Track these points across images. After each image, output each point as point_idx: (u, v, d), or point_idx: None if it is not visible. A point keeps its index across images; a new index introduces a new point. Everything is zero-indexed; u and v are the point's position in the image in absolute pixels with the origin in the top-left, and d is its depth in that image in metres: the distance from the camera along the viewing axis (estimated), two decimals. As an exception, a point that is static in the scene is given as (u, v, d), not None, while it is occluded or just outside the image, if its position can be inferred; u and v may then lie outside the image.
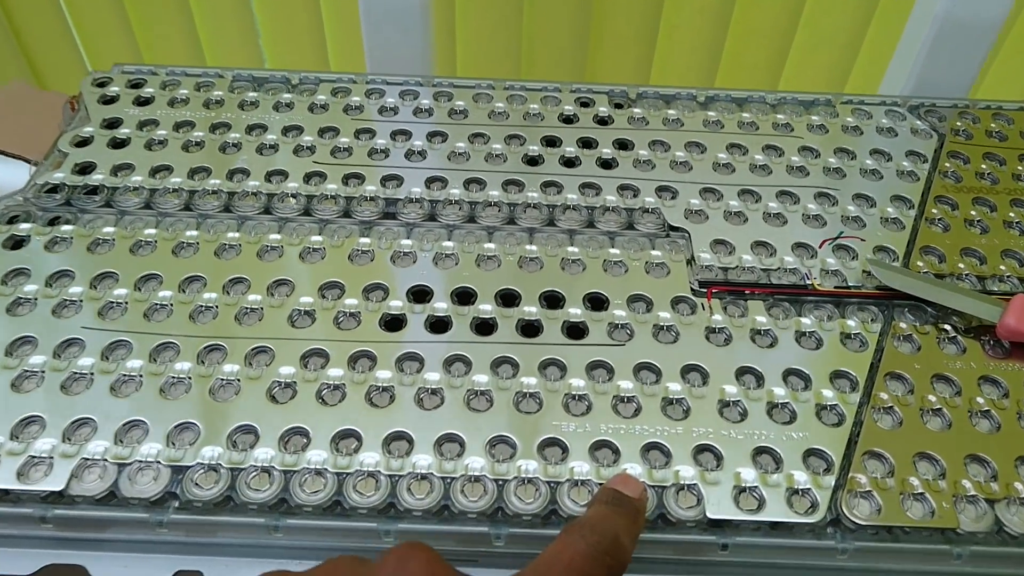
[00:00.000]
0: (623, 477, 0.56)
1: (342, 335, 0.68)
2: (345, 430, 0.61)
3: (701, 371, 0.67)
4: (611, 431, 0.62)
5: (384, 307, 0.67)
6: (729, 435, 0.62)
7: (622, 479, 0.56)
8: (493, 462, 0.60)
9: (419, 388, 0.64)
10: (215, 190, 0.80)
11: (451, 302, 0.71)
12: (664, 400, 0.65)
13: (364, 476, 0.59)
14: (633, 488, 0.54)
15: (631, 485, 0.55)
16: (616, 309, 0.71)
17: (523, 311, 0.71)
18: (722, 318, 0.71)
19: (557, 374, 0.67)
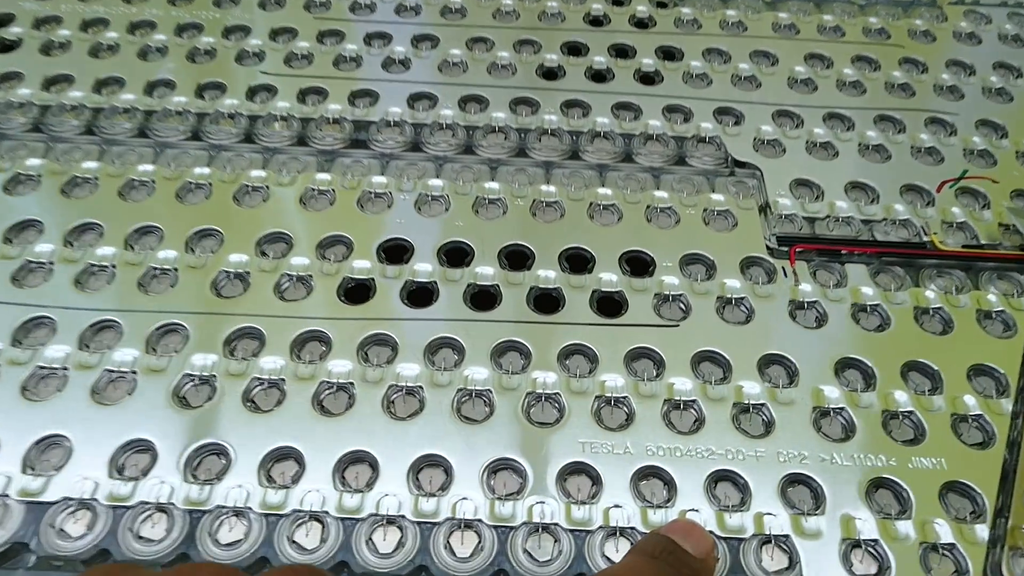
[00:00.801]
0: (685, 525, 0.38)
1: (284, 307, 0.49)
2: (281, 450, 0.43)
3: (786, 364, 0.48)
4: (662, 453, 0.43)
5: (345, 269, 0.49)
6: (831, 460, 0.44)
7: (683, 527, 0.37)
8: (492, 499, 0.42)
9: (389, 388, 0.45)
10: (127, 108, 0.60)
11: (438, 263, 0.52)
12: (736, 407, 0.46)
13: (306, 519, 0.41)
14: (697, 542, 0.36)
15: (695, 537, 0.36)
16: (665, 275, 0.52)
17: (537, 276, 0.51)
18: (811, 288, 0.51)
19: (584, 367, 0.48)
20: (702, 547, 0.36)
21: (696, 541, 0.36)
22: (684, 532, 0.36)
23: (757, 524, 0.41)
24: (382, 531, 0.41)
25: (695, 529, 0.37)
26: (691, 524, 0.38)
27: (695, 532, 0.37)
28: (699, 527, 0.38)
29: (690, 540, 0.36)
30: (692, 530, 0.37)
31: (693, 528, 0.37)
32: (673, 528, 0.37)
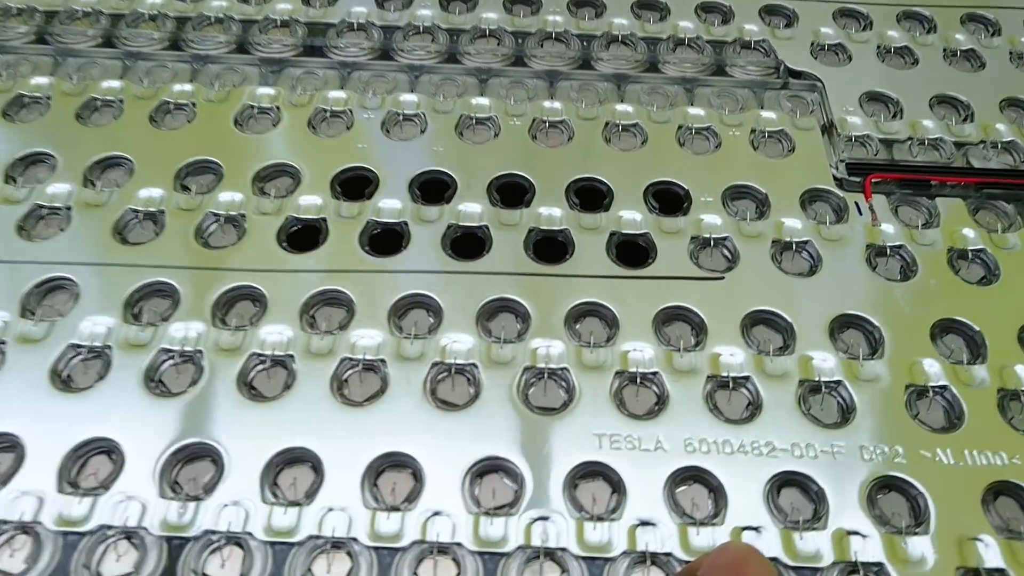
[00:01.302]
0: (736, 557, 0.26)
1: (207, 257, 0.37)
2: (193, 448, 0.32)
3: (865, 328, 0.36)
4: (706, 449, 0.32)
5: (289, 207, 0.37)
6: (935, 457, 0.32)
7: (733, 563, 0.25)
8: (477, 515, 0.31)
9: (341, 363, 0.34)
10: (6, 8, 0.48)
11: (410, 199, 0.40)
12: (804, 386, 0.34)
13: (220, 542, 0.29)
14: None
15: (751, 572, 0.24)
16: (704, 213, 0.40)
17: (538, 216, 0.39)
18: (894, 229, 0.39)
19: (601, 333, 0.36)
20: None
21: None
22: (735, 571, 0.25)
23: (838, 548, 0.30)
24: (325, 560, 0.30)
25: (748, 566, 0.25)
26: (741, 559, 0.25)
27: (747, 571, 0.25)
28: (755, 561, 0.25)
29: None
30: (743, 568, 0.25)
31: (745, 563, 0.25)
32: (716, 566, 0.25)
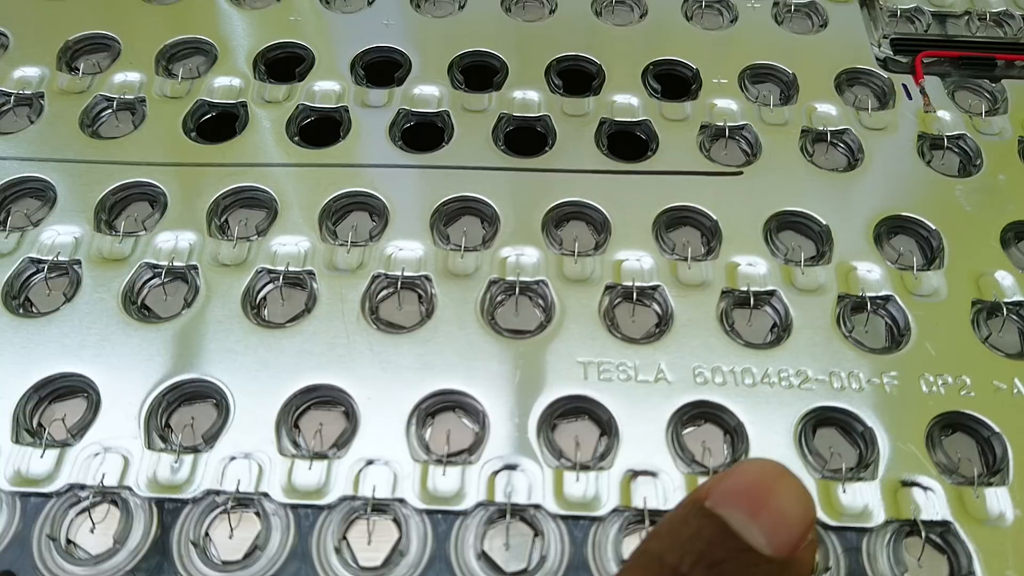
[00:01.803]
0: (752, 484, 0.18)
1: (97, 149, 0.30)
2: (64, 381, 0.25)
3: (918, 232, 0.29)
4: (720, 380, 0.25)
5: (201, 90, 0.31)
6: (1013, 390, 0.25)
7: (749, 490, 0.18)
8: (426, 462, 0.24)
9: (259, 276, 0.27)
10: None
11: (353, 81, 0.32)
12: (845, 302, 0.27)
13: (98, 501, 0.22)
14: (775, 523, 0.17)
15: (771, 515, 0.17)
16: (717, 97, 0.32)
17: (509, 100, 0.32)
18: (952, 117, 0.32)
19: (588, 239, 0.29)
20: (785, 534, 0.17)
21: (773, 520, 0.17)
22: (752, 503, 0.17)
23: (891, 504, 0.23)
24: (226, 521, 0.23)
25: (774, 493, 0.18)
26: (766, 482, 0.18)
27: (772, 501, 0.18)
28: (784, 485, 0.18)
29: (762, 520, 0.17)
30: (767, 497, 0.18)
31: (770, 491, 0.18)
32: (730, 493, 0.18)
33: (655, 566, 0.17)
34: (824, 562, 0.23)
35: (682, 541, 0.17)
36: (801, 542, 0.18)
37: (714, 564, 0.17)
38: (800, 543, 0.18)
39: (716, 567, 0.17)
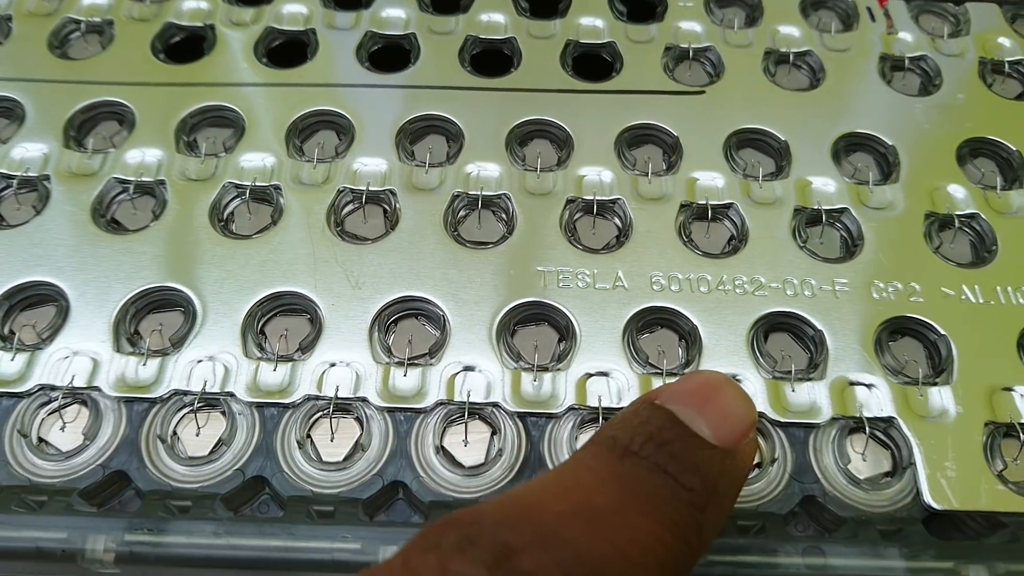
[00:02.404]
0: (700, 385, 0.19)
1: (68, 69, 0.30)
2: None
3: (876, 150, 0.30)
4: (677, 288, 0.26)
5: (168, 12, 0.34)
6: (960, 296, 0.26)
7: (696, 389, 0.19)
8: (388, 365, 0.24)
9: (225, 190, 0.27)
10: None
11: (320, 3, 0.32)
12: (801, 215, 0.28)
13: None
14: (720, 417, 0.18)
15: (716, 408, 0.19)
16: (681, 19, 0.32)
17: (476, 22, 0.33)
18: (914, 38, 0.32)
19: (550, 156, 0.29)
20: (729, 427, 0.18)
21: (718, 415, 0.18)
22: (698, 399, 0.19)
23: (839, 400, 0.24)
24: (193, 421, 0.24)
25: (719, 393, 0.19)
26: (712, 383, 0.19)
27: (717, 399, 0.19)
28: (729, 388, 0.19)
29: (707, 414, 0.18)
30: (712, 395, 0.19)
31: (716, 391, 0.19)
32: (678, 391, 0.19)
33: (606, 445, 0.18)
34: (771, 454, 0.24)
35: (633, 426, 0.18)
36: (744, 437, 0.19)
37: (663, 444, 0.18)
38: (743, 438, 0.19)
39: (665, 446, 0.18)
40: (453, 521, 0.16)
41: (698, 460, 0.18)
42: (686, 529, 0.17)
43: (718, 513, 0.18)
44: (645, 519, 0.16)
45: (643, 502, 0.17)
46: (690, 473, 0.17)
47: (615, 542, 0.16)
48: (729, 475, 0.18)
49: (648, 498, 0.17)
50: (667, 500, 0.17)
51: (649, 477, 0.17)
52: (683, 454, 0.18)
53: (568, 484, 0.17)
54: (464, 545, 0.15)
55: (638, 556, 0.16)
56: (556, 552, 0.15)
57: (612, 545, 0.16)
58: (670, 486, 0.17)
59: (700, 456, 0.18)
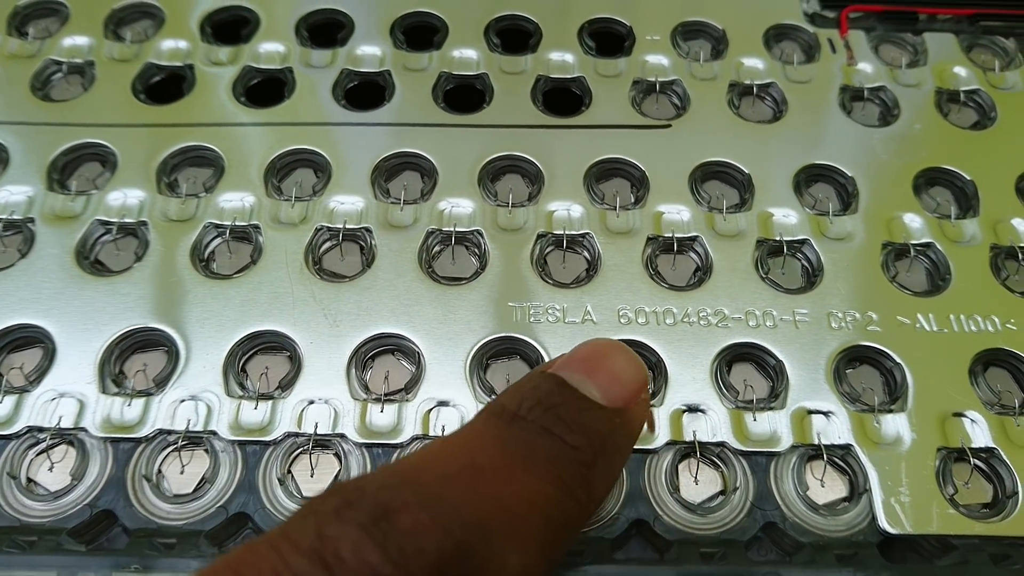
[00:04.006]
0: (590, 352, 0.20)
1: (55, 112, 0.31)
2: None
3: (836, 180, 0.31)
4: (643, 320, 0.28)
5: (149, 52, 0.33)
6: (915, 324, 0.27)
7: (586, 357, 0.20)
8: (365, 401, 0.25)
9: (206, 231, 0.28)
10: None
11: (297, 42, 0.33)
12: (763, 247, 0.29)
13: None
14: (609, 380, 0.19)
15: (605, 373, 0.19)
16: (649, 53, 0.33)
17: (449, 59, 0.34)
18: (873, 69, 0.33)
19: (522, 191, 0.30)
20: (618, 388, 0.19)
21: (607, 378, 0.19)
22: (588, 365, 0.19)
23: (798, 429, 0.25)
24: (177, 459, 0.25)
25: (608, 358, 0.19)
26: (601, 350, 0.20)
27: (606, 363, 0.19)
28: (618, 352, 0.20)
29: (596, 378, 0.19)
30: (601, 360, 0.19)
31: (605, 356, 0.19)
32: (569, 360, 0.20)
33: (495, 412, 0.18)
34: (733, 483, 0.25)
35: (522, 392, 0.19)
36: (634, 396, 0.19)
37: (550, 407, 0.18)
38: (633, 397, 0.19)
39: (552, 409, 0.18)
40: (336, 488, 0.16)
41: (585, 420, 0.18)
42: (573, 485, 0.17)
43: (607, 470, 0.18)
44: (529, 476, 0.17)
45: (528, 461, 0.17)
46: (576, 433, 0.18)
47: (498, 498, 0.16)
48: (618, 433, 0.19)
49: (533, 457, 0.17)
50: (553, 458, 0.17)
51: (535, 438, 0.17)
52: (570, 415, 0.18)
53: (454, 449, 0.17)
54: (342, 509, 0.15)
55: (522, 510, 0.16)
56: (435, 510, 0.15)
57: (495, 502, 0.16)
58: (556, 446, 0.17)
59: (587, 416, 0.18)
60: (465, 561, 0.15)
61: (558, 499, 0.17)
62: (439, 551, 0.15)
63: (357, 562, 0.14)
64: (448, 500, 0.16)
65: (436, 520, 0.15)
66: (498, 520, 0.16)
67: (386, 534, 0.15)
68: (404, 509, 0.15)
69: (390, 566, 0.14)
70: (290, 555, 0.14)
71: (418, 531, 0.15)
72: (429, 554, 0.15)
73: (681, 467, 0.25)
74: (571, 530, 0.17)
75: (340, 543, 0.14)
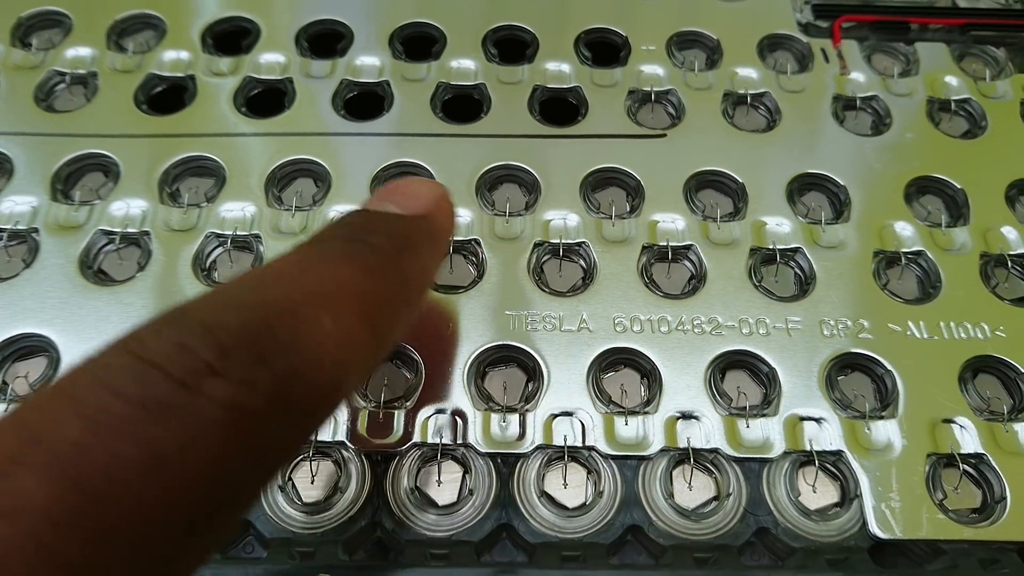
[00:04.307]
0: (391, 186, 0.21)
1: (57, 122, 0.31)
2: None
3: (829, 189, 0.31)
4: (638, 328, 0.28)
5: (151, 63, 0.34)
6: (906, 332, 0.28)
7: (387, 190, 0.21)
8: (364, 409, 0.25)
9: (207, 240, 0.28)
10: None
11: (297, 53, 0.34)
12: (756, 256, 0.29)
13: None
14: (407, 197, 0.21)
15: (403, 194, 0.21)
16: (644, 63, 0.34)
17: (448, 69, 0.34)
18: (866, 78, 0.34)
19: (519, 200, 0.31)
20: (416, 201, 0.20)
21: (405, 196, 0.20)
22: (386, 191, 0.21)
23: (791, 436, 0.26)
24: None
25: (405, 183, 0.21)
26: (399, 181, 0.22)
27: (403, 187, 0.21)
28: (415, 179, 0.24)
29: (395, 199, 0.20)
30: (398, 187, 0.21)
31: (401, 183, 0.21)
32: (373, 197, 0.21)
33: (305, 243, 0.18)
34: (726, 489, 0.25)
35: (332, 227, 0.19)
36: (433, 204, 0.20)
37: (352, 224, 0.19)
38: (431, 203, 0.20)
39: (353, 225, 0.19)
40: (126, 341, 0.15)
41: (387, 225, 0.19)
42: (379, 268, 0.17)
43: (415, 263, 0.19)
44: (335, 267, 0.17)
45: (332, 258, 0.17)
46: (378, 234, 0.18)
47: (303, 283, 0.16)
48: (423, 231, 0.19)
49: (338, 256, 0.17)
50: (356, 253, 0.18)
51: (339, 245, 0.18)
52: (372, 225, 0.19)
53: (256, 272, 0.17)
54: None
55: (332, 289, 0.16)
56: (236, 301, 0.15)
57: (299, 285, 0.16)
58: (359, 247, 0.18)
59: (388, 222, 0.19)
60: (274, 331, 0.15)
61: (365, 280, 0.17)
62: (242, 324, 0.14)
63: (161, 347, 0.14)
64: (249, 289, 0.16)
65: (237, 302, 0.15)
66: (306, 296, 0.16)
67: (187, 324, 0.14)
68: (203, 302, 0.15)
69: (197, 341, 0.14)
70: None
71: (220, 309, 0.15)
72: (235, 330, 0.14)
73: (675, 473, 0.25)
74: (389, 309, 0.17)
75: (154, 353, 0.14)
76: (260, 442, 0.14)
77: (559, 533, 0.24)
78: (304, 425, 0.15)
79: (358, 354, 0.16)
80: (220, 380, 0.14)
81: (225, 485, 0.14)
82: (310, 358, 0.15)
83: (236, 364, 0.14)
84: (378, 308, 0.17)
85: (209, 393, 0.14)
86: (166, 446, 0.13)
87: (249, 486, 0.15)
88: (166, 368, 0.14)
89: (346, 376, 0.16)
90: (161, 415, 0.13)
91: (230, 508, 0.14)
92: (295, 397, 0.15)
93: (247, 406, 0.14)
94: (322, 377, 0.15)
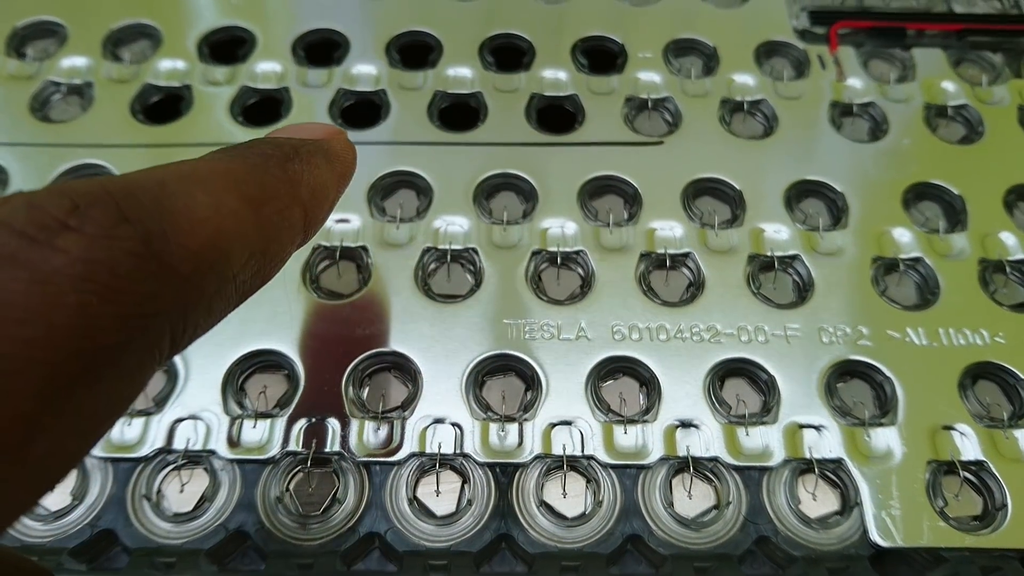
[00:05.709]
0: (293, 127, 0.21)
1: (55, 133, 0.31)
2: None
3: (827, 196, 0.31)
4: (637, 336, 0.28)
5: (147, 73, 0.34)
6: (904, 338, 0.27)
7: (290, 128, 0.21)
8: (363, 419, 0.25)
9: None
10: None
11: (294, 61, 0.34)
12: (754, 263, 0.29)
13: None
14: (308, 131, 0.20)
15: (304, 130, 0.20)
16: (641, 70, 0.34)
17: (444, 77, 0.34)
18: (863, 84, 0.34)
19: (516, 208, 0.31)
20: (306, 131, 0.20)
21: (297, 130, 0.20)
22: (280, 131, 0.20)
23: (790, 444, 0.26)
24: (177, 478, 0.25)
25: (301, 124, 0.21)
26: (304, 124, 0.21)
27: (298, 125, 0.21)
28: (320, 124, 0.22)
29: (286, 132, 0.20)
30: (293, 125, 0.21)
31: (297, 124, 0.21)
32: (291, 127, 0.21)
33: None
34: (726, 497, 0.25)
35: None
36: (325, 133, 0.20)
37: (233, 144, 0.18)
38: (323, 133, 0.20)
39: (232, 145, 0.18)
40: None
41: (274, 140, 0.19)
42: (264, 165, 0.17)
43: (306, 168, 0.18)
44: (211, 159, 0.16)
45: (209, 158, 0.17)
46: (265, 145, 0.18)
47: (176, 167, 0.15)
48: (315, 146, 0.19)
49: (215, 156, 0.17)
50: (238, 155, 0.17)
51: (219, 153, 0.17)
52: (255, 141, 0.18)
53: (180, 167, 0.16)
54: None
55: (204, 171, 0.15)
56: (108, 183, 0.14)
57: (171, 168, 0.15)
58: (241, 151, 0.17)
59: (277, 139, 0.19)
60: (136, 196, 0.14)
61: (245, 169, 0.16)
62: (101, 188, 0.14)
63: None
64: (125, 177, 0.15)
65: (100, 180, 0.14)
66: (176, 174, 0.15)
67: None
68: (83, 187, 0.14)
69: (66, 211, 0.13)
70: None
71: (78, 182, 0.14)
72: (91, 193, 0.14)
73: (675, 482, 0.25)
74: (274, 200, 0.17)
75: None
76: (130, 302, 0.13)
77: (558, 543, 0.24)
78: (186, 292, 0.14)
79: (237, 225, 0.15)
80: (74, 234, 0.13)
81: (90, 352, 0.13)
82: (180, 221, 0.14)
83: (92, 221, 0.13)
84: (259, 191, 0.16)
85: (63, 247, 0.13)
86: (16, 299, 0.12)
87: (126, 357, 0.13)
88: (10, 224, 0.13)
89: (227, 245, 0.15)
90: (9, 267, 0.12)
91: (98, 375, 0.13)
92: (167, 258, 0.14)
93: (108, 260, 0.13)
94: (196, 242, 0.14)
